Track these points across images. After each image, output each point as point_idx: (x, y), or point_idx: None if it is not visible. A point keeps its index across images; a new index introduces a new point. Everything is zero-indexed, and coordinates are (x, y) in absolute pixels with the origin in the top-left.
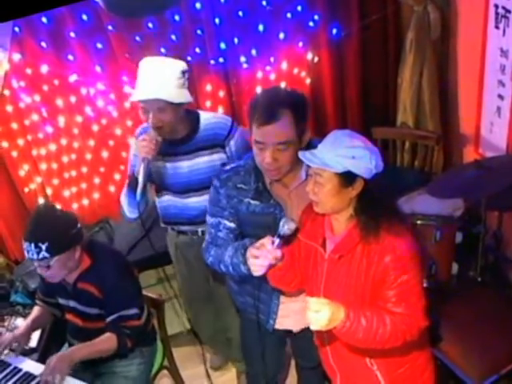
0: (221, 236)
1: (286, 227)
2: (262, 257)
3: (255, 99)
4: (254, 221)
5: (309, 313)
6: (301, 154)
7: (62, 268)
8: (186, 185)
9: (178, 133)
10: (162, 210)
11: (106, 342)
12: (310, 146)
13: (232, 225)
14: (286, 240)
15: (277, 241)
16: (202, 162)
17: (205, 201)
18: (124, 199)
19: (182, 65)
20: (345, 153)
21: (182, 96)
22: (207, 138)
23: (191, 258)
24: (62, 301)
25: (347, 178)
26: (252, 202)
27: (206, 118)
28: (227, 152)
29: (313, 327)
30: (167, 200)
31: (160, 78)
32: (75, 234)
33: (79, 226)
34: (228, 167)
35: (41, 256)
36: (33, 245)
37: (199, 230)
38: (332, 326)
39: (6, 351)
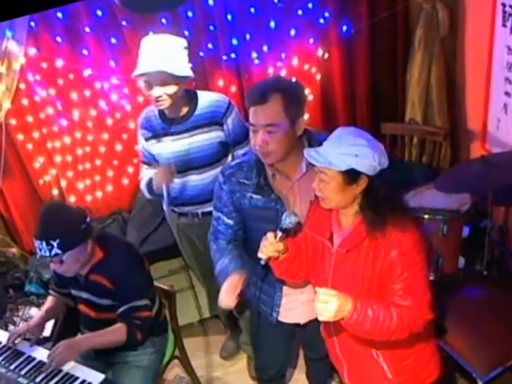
0: (220, 230)
1: (287, 221)
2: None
3: (253, 86)
4: (257, 215)
5: (317, 303)
6: (306, 153)
7: (75, 262)
8: (186, 163)
9: (178, 111)
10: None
11: (115, 332)
12: (314, 139)
13: (230, 222)
14: (289, 233)
15: (279, 234)
16: (201, 139)
17: (203, 180)
18: (144, 190)
19: (182, 41)
20: (348, 151)
21: (185, 70)
22: (205, 116)
23: (193, 237)
24: (74, 292)
25: (351, 175)
26: (254, 196)
27: (203, 96)
28: (225, 130)
29: (321, 318)
30: None
31: (163, 51)
32: (86, 229)
33: (89, 220)
34: (232, 163)
35: (53, 253)
36: (44, 242)
37: (199, 211)
38: (339, 317)
39: (18, 340)
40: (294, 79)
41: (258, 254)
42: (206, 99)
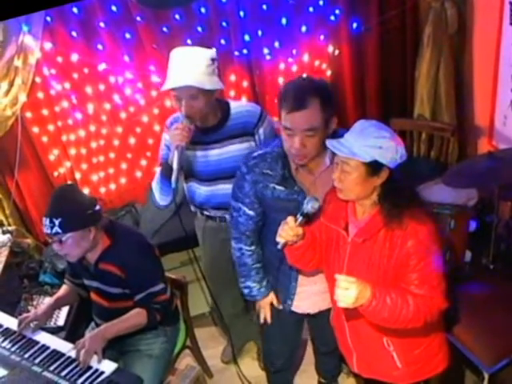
0: (241, 221)
1: (309, 205)
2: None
3: (285, 87)
4: (278, 206)
5: (337, 290)
6: (328, 143)
7: (74, 246)
8: (215, 172)
9: (209, 121)
10: (190, 194)
11: (136, 317)
12: (336, 135)
13: (251, 213)
14: (310, 218)
15: (300, 218)
16: (232, 150)
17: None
18: (156, 187)
19: (211, 53)
20: (372, 143)
21: (213, 83)
22: (237, 127)
23: (217, 243)
24: (86, 281)
25: (373, 167)
26: (277, 187)
27: (235, 106)
28: (256, 140)
29: (340, 304)
30: (194, 186)
31: (191, 65)
32: (90, 215)
33: (97, 208)
34: (255, 154)
35: (54, 231)
36: (48, 219)
37: (227, 216)
38: (359, 303)
39: (26, 326)
40: (322, 79)
41: (276, 238)
42: (238, 109)
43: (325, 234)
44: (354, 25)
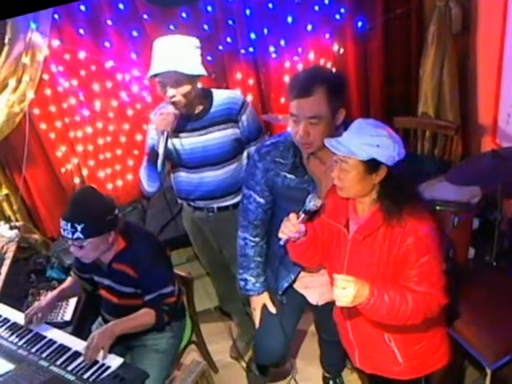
0: (250, 209)
1: (312, 203)
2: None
3: (295, 75)
4: (288, 195)
5: (335, 289)
6: (327, 142)
7: (94, 250)
8: (202, 159)
9: (194, 108)
10: (177, 185)
11: (145, 316)
12: (346, 126)
13: (261, 200)
14: (312, 215)
15: (302, 216)
16: (217, 136)
17: (219, 176)
18: (143, 173)
19: (194, 40)
20: (370, 141)
21: (197, 69)
22: (221, 113)
23: (206, 232)
24: (97, 278)
25: (371, 165)
26: (288, 175)
27: (219, 93)
28: (240, 127)
29: (339, 303)
30: (182, 176)
31: (175, 51)
32: (111, 220)
33: (117, 212)
34: (268, 142)
35: (75, 236)
36: (69, 224)
37: (215, 206)
38: (357, 302)
39: (33, 319)
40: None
41: (278, 234)
42: (221, 97)
43: (326, 230)
44: (359, 23)
